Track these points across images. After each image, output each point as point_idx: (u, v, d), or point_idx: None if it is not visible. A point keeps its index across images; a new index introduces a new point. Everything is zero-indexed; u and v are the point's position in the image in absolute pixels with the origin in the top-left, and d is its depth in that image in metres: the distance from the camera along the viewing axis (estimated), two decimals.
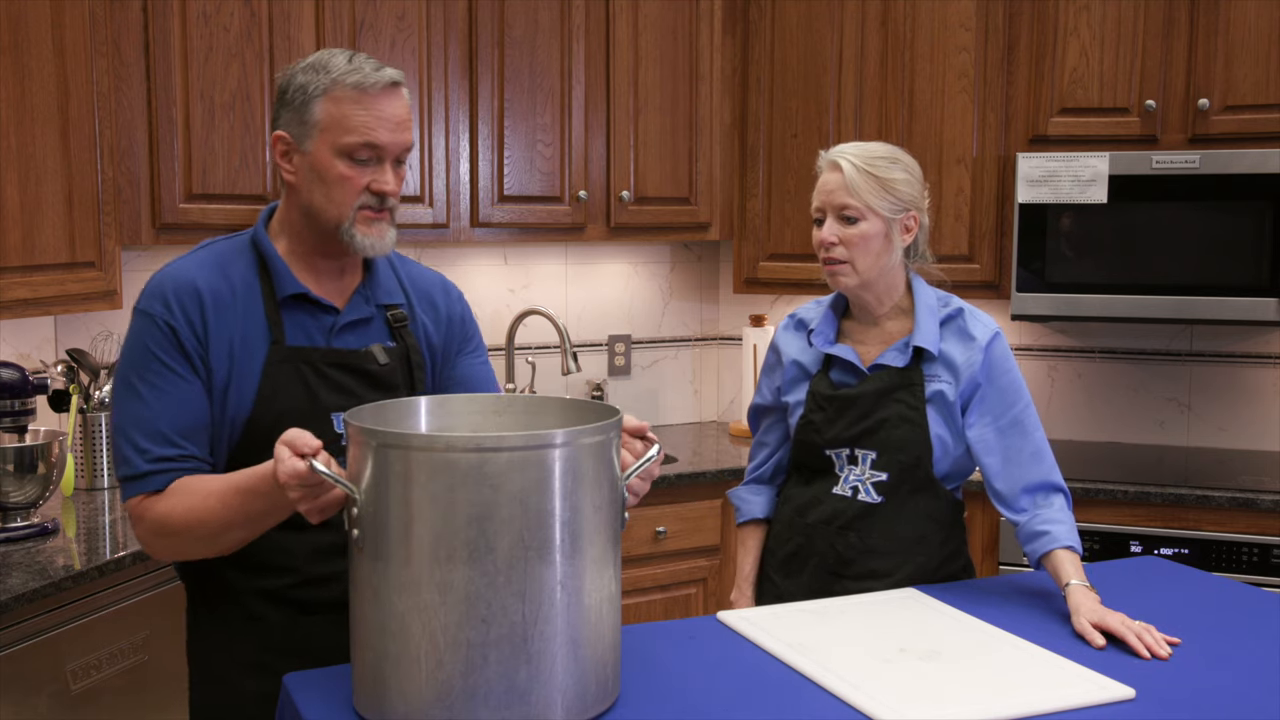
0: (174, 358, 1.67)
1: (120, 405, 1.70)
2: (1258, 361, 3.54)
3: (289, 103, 1.71)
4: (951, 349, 2.08)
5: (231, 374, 1.69)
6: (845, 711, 1.53)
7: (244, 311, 1.72)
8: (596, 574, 1.47)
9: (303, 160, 1.71)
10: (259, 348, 1.71)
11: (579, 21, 3.39)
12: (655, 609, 3.24)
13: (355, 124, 1.67)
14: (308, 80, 1.69)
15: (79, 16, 2.67)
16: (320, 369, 1.74)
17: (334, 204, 1.70)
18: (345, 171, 1.68)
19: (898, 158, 2.08)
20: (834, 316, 2.17)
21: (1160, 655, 1.72)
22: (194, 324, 1.68)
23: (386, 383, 1.79)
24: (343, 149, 1.68)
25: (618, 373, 3.94)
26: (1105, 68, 3.29)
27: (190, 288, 1.69)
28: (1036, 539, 1.98)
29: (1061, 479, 2.08)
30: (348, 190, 1.69)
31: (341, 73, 1.67)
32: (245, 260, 1.76)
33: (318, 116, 1.68)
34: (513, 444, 1.41)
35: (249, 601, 1.75)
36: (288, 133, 1.71)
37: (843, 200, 2.04)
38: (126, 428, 1.68)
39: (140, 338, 1.69)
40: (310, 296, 1.75)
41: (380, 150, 1.69)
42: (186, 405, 1.68)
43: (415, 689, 1.41)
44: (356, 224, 1.71)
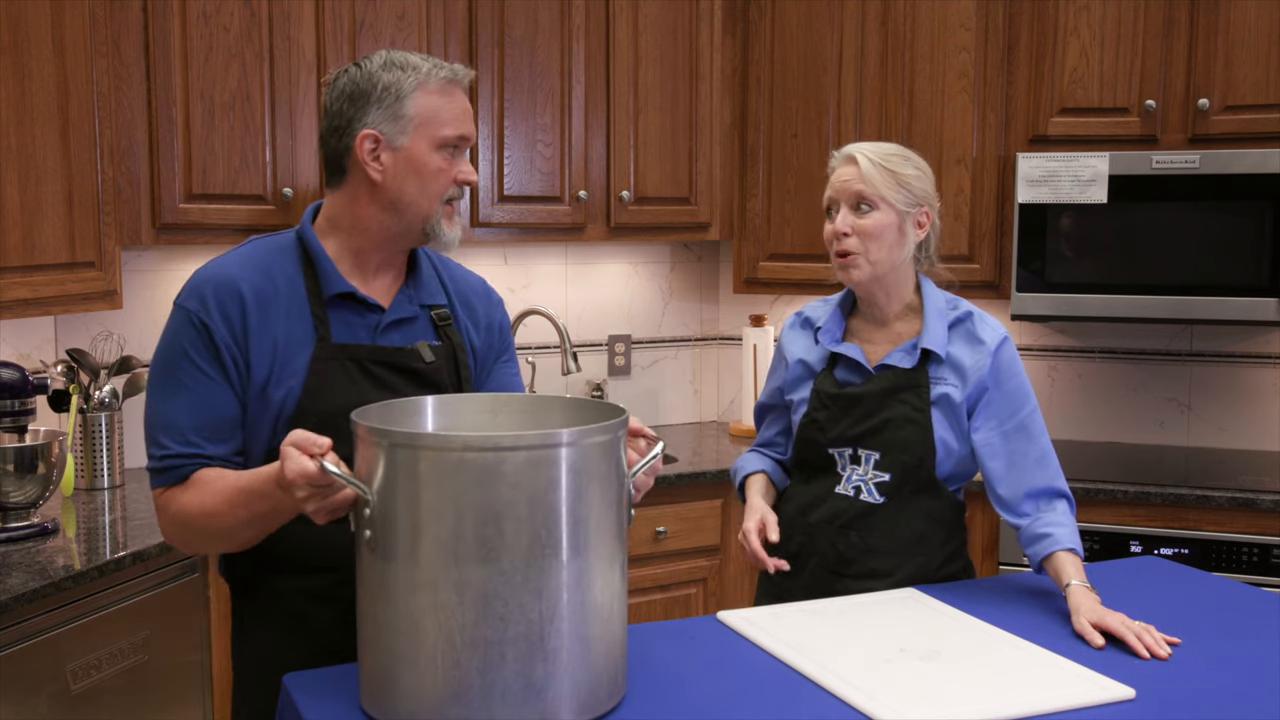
0: (203, 357, 1.70)
1: (149, 397, 1.74)
2: (1258, 361, 3.54)
3: (378, 100, 1.73)
4: (959, 352, 2.08)
5: (274, 370, 1.71)
6: (845, 711, 1.53)
7: (289, 308, 1.74)
8: (606, 571, 1.48)
9: (394, 156, 1.74)
10: (305, 344, 1.73)
11: (579, 21, 3.39)
12: (655, 609, 3.24)
13: (449, 117, 1.75)
14: (396, 78, 1.73)
15: (79, 16, 2.67)
16: (366, 366, 1.76)
17: (427, 196, 1.76)
18: (440, 163, 1.75)
19: (909, 156, 2.11)
20: (841, 315, 2.17)
21: (1160, 655, 1.72)
22: (232, 323, 1.70)
23: (432, 380, 1.81)
24: (440, 141, 1.74)
25: (618, 373, 3.94)
26: (1105, 68, 3.29)
27: (231, 286, 1.71)
28: (1038, 541, 1.99)
29: (1065, 484, 2.08)
30: (442, 181, 1.76)
31: (430, 68, 1.74)
32: (290, 257, 1.78)
33: (414, 111, 1.73)
34: (528, 443, 1.41)
35: (295, 601, 1.76)
36: (377, 130, 1.73)
37: (857, 190, 2.05)
38: (151, 420, 1.72)
39: (174, 334, 1.72)
40: (357, 295, 1.78)
41: (467, 140, 1.78)
42: (208, 404, 1.70)
43: (430, 688, 1.42)
44: (443, 217, 1.78)
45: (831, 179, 2.11)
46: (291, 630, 1.76)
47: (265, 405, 1.71)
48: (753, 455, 2.33)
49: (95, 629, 2.32)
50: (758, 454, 2.33)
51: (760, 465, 2.29)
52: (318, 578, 1.74)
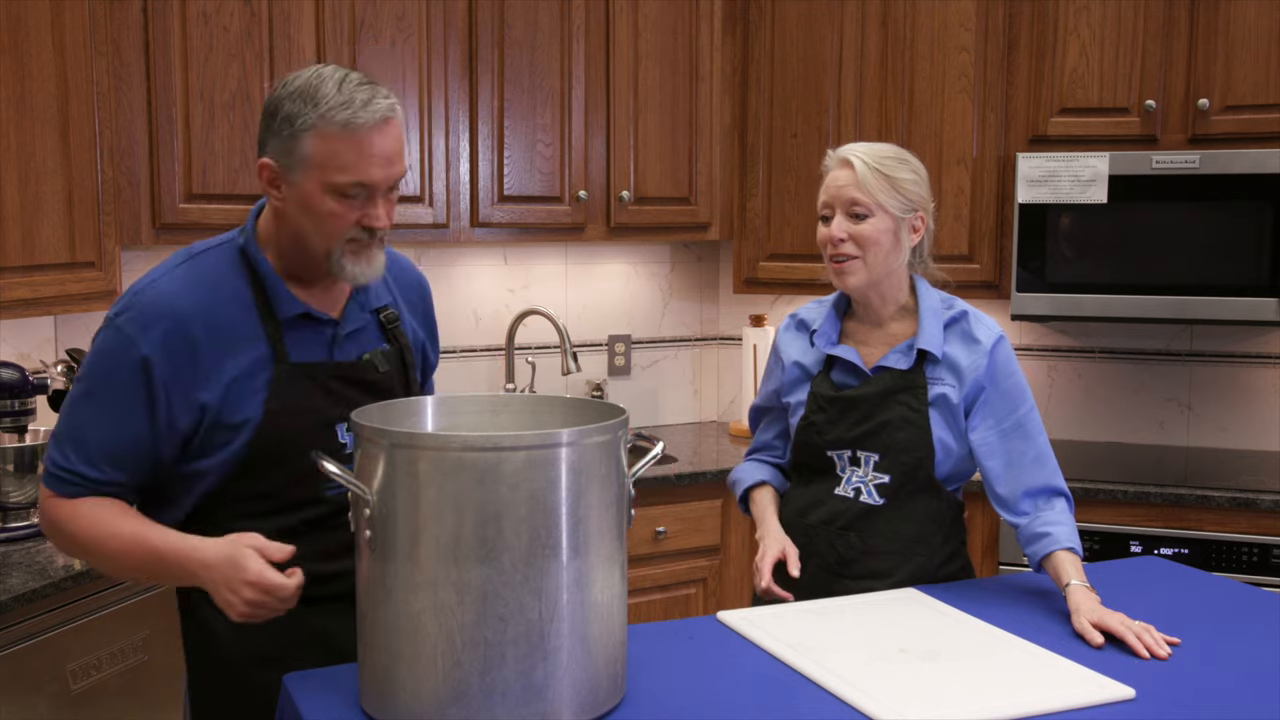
0: (132, 390, 1.64)
1: (67, 405, 1.69)
2: (1258, 361, 3.54)
3: (276, 131, 1.65)
4: (955, 352, 2.07)
5: (230, 396, 1.67)
6: (845, 711, 1.53)
7: (244, 333, 1.69)
8: (606, 571, 1.49)
9: (290, 190, 1.66)
10: (262, 367, 1.70)
11: (579, 21, 3.39)
12: (655, 609, 3.24)
13: (345, 163, 1.62)
14: (295, 111, 1.62)
15: (79, 16, 2.67)
16: (324, 383, 1.74)
17: (322, 236, 1.67)
18: (334, 208, 1.64)
19: (906, 158, 2.08)
20: (836, 317, 2.16)
21: (1160, 655, 1.72)
22: (176, 361, 1.65)
23: (385, 388, 1.80)
24: (332, 187, 1.63)
25: (618, 373, 3.94)
26: (1105, 68, 3.29)
27: (183, 327, 1.65)
28: (1037, 541, 1.98)
29: (1064, 483, 2.07)
30: (337, 224, 1.66)
31: (330, 107, 1.61)
32: (238, 276, 1.72)
33: (306, 152, 1.62)
34: (528, 443, 1.41)
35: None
36: (274, 161, 1.66)
37: (853, 196, 2.04)
38: (63, 427, 1.68)
39: (109, 355, 1.66)
40: (311, 313, 1.74)
41: (371, 188, 1.65)
42: (123, 434, 1.66)
43: (430, 688, 1.42)
44: (345, 255, 1.68)
45: (826, 181, 2.09)
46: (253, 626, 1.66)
47: (222, 429, 1.67)
48: (751, 465, 2.30)
49: (95, 629, 2.32)
50: (757, 463, 2.29)
51: (762, 475, 2.25)
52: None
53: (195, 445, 1.69)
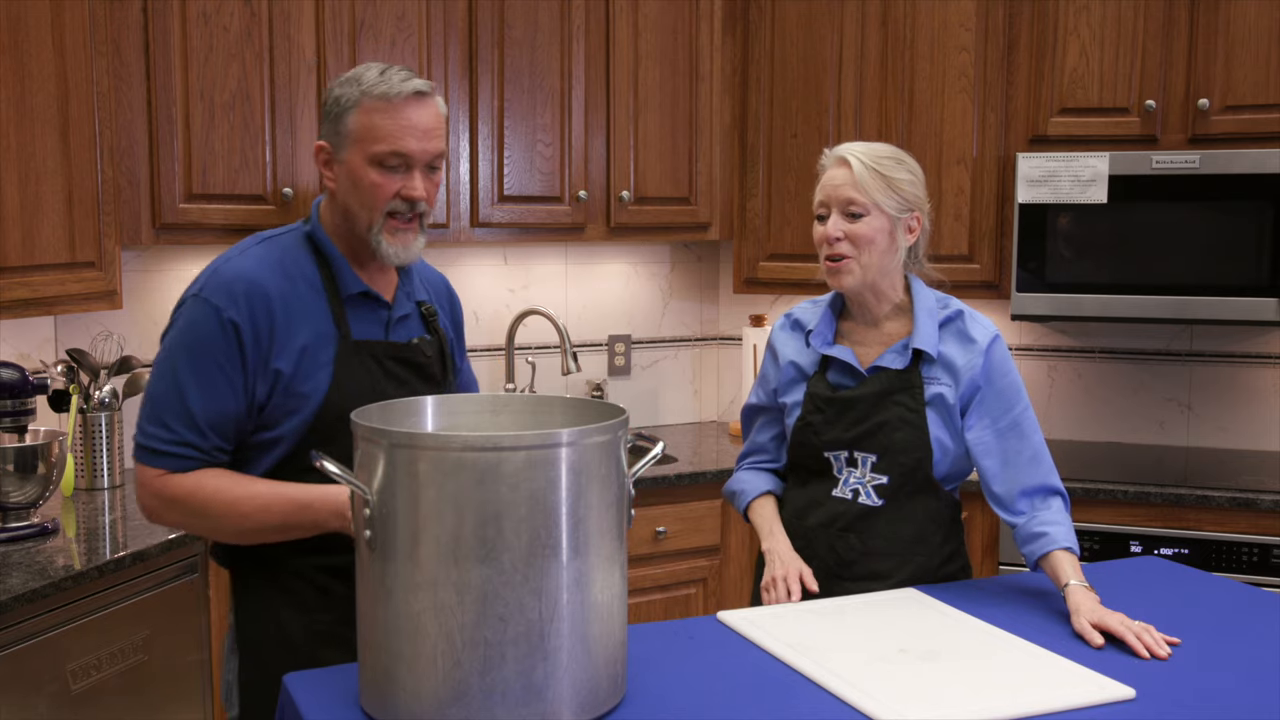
0: (228, 356, 1.76)
1: (160, 382, 1.79)
2: (1258, 361, 3.54)
3: (328, 114, 1.83)
4: (951, 351, 2.07)
5: (301, 366, 1.79)
6: (845, 711, 1.53)
7: (311, 308, 1.82)
8: (606, 571, 1.49)
9: (340, 169, 1.82)
10: (328, 341, 1.82)
11: (579, 21, 3.39)
12: (655, 609, 3.24)
13: (383, 133, 1.78)
14: (342, 93, 1.81)
15: (79, 16, 2.67)
16: (382, 361, 1.87)
17: (366, 209, 1.81)
18: (376, 179, 1.79)
19: (902, 159, 2.08)
20: (832, 317, 2.16)
21: (1160, 655, 1.72)
22: (259, 328, 1.77)
23: (430, 374, 1.94)
24: (373, 157, 1.78)
25: (618, 373, 3.94)
26: (1105, 68, 3.29)
27: (262, 291, 1.78)
28: (1034, 540, 1.98)
29: (1059, 482, 2.07)
30: (378, 196, 1.80)
31: (370, 84, 1.78)
32: (305, 256, 1.86)
33: (350, 127, 1.79)
34: (528, 443, 1.41)
35: (318, 577, 1.84)
36: (327, 142, 1.84)
37: (849, 195, 2.04)
38: (159, 405, 1.78)
39: (197, 326, 1.77)
40: (370, 293, 1.88)
41: (408, 158, 1.80)
42: (223, 401, 1.77)
43: (430, 688, 1.42)
44: (384, 232, 1.82)
45: (823, 180, 2.09)
46: (317, 605, 1.84)
47: (296, 396, 1.79)
48: (750, 474, 2.27)
49: (95, 629, 2.32)
50: (755, 471, 2.28)
51: (765, 486, 2.23)
52: (338, 556, 1.79)
53: (267, 413, 1.80)
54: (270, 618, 1.86)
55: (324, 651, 1.81)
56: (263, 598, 1.87)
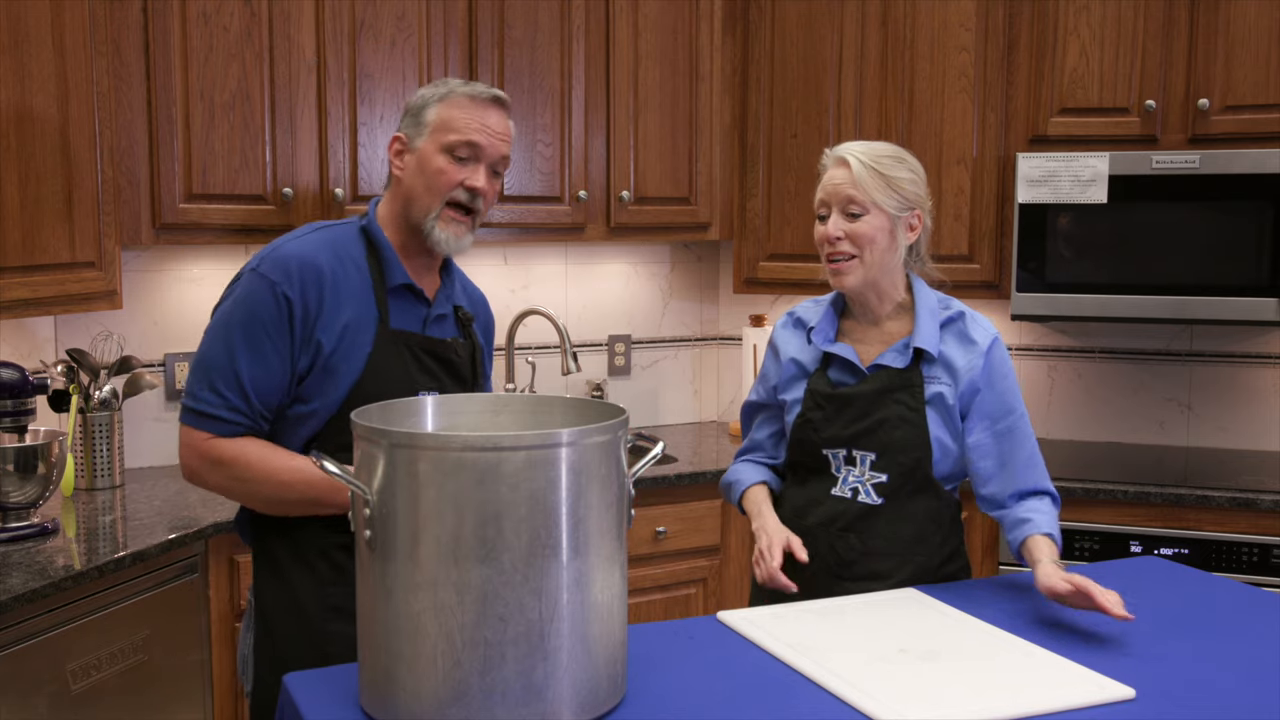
0: (279, 329, 1.86)
1: (213, 349, 1.89)
2: (1258, 361, 3.54)
3: (409, 109, 1.98)
4: (951, 352, 2.08)
5: (341, 344, 1.89)
6: (845, 711, 1.53)
7: (358, 292, 1.92)
8: (606, 571, 1.48)
9: (412, 157, 1.96)
10: (368, 326, 1.92)
11: (579, 21, 3.39)
12: (655, 609, 3.24)
13: (459, 125, 1.93)
14: (429, 92, 1.97)
15: (79, 16, 2.67)
16: (416, 352, 1.96)
17: (429, 193, 1.94)
18: (444, 165, 1.93)
19: (903, 157, 2.09)
20: (834, 315, 2.17)
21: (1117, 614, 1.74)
22: (309, 301, 1.87)
23: (461, 373, 2.03)
24: (446, 145, 1.93)
25: (618, 373, 3.94)
26: (1105, 68, 3.29)
27: (314, 267, 1.89)
28: (1018, 527, 2.02)
29: (1051, 485, 2.10)
30: (443, 181, 1.93)
31: (458, 85, 1.96)
32: (357, 246, 1.97)
33: (431, 119, 1.94)
34: (528, 443, 1.41)
35: (333, 553, 1.93)
36: (404, 134, 1.98)
37: (849, 194, 2.04)
38: (211, 371, 1.88)
39: (253, 300, 1.88)
40: (414, 287, 1.98)
41: (478, 150, 1.94)
42: (271, 373, 1.87)
43: (430, 689, 1.42)
44: (439, 220, 1.94)
45: (823, 180, 2.10)
46: (331, 579, 1.92)
47: (333, 373, 1.88)
48: (745, 465, 2.28)
49: (95, 629, 2.32)
50: (751, 464, 2.28)
51: (759, 476, 2.23)
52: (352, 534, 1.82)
53: (306, 385, 1.89)
54: (287, 590, 1.94)
55: (334, 624, 1.91)
56: (283, 570, 1.95)
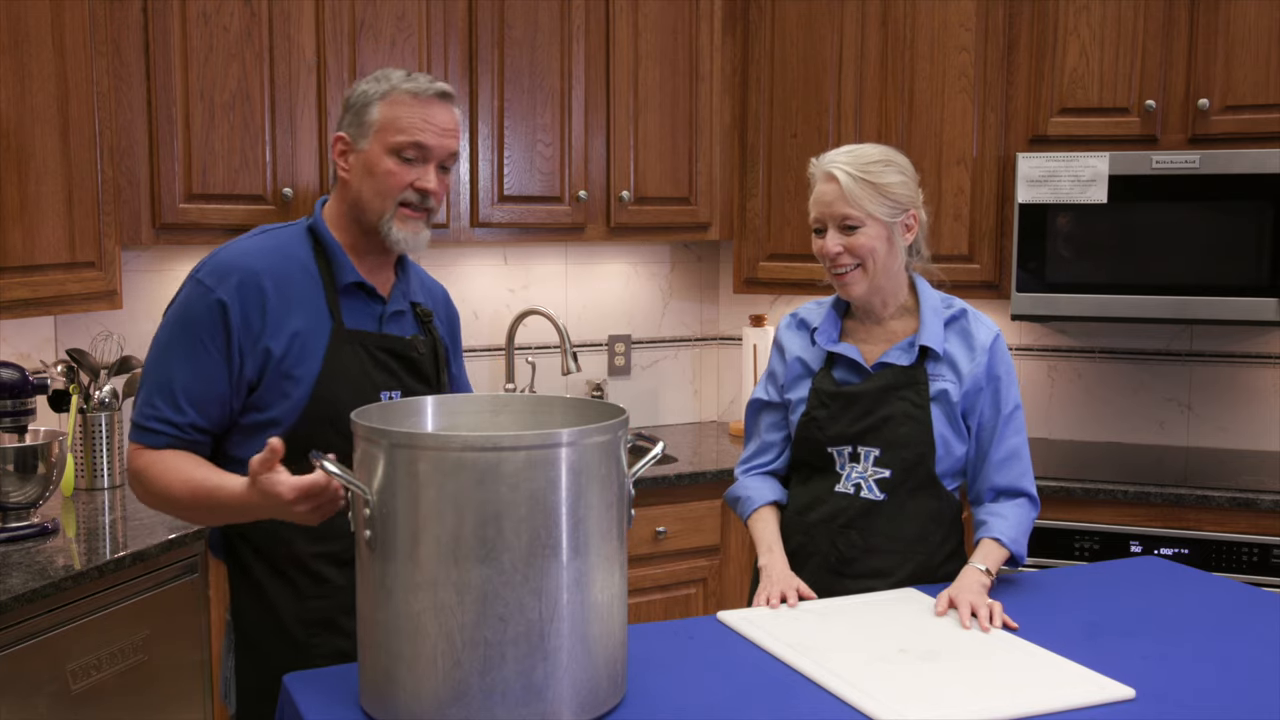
0: (211, 335, 1.81)
1: (150, 359, 1.86)
2: (1258, 361, 3.54)
3: (351, 106, 1.90)
4: (955, 349, 2.10)
5: (293, 349, 1.83)
6: (845, 711, 1.53)
7: (306, 296, 1.87)
8: (606, 571, 1.49)
9: (357, 158, 1.88)
10: (321, 329, 1.86)
11: (579, 21, 3.39)
12: (655, 609, 3.24)
13: (406, 125, 1.85)
14: (370, 88, 1.89)
15: (79, 16, 2.67)
16: (372, 351, 1.90)
17: (379, 197, 1.87)
18: (392, 167, 1.86)
19: (891, 159, 2.08)
20: (836, 316, 2.18)
21: (993, 626, 1.83)
22: (249, 308, 1.82)
23: (423, 371, 1.97)
24: (393, 147, 1.85)
25: (618, 373, 3.94)
26: (1105, 68, 3.29)
27: (253, 272, 1.83)
28: (978, 528, 2.08)
29: (1032, 485, 2.13)
30: (393, 184, 1.86)
31: (399, 81, 1.87)
32: (304, 247, 1.91)
33: (375, 118, 1.86)
34: (528, 443, 1.41)
35: (316, 564, 1.86)
36: (347, 133, 1.90)
37: (843, 211, 2.05)
38: (148, 381, 1.85)
39: (188, 306, 1.84)
40: (365, 285, 1.92)
41: (426, 151, 1.87)
42: (207, 379, 1.82)
43: (430, 689, 1.42)
44: (395, 219, 1.88)
45: (814, 196, 2.10)
46: (312, 591, 1.87)
47: (287, 378, 1.83)
48: (756, 480, 2.24)
49: (95, 629, 2.32)
50: (761, 478, 2.24)
51: (770, 496, 2.20)
52: (334, 543, 1.83)
53: (259, 394, 1.84)
54: (266, 607, 1.88)
55: (319, 638, 1.85)
56: (259, 587, 1.89)
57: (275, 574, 1.88)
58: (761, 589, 2.03)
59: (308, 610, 1.86)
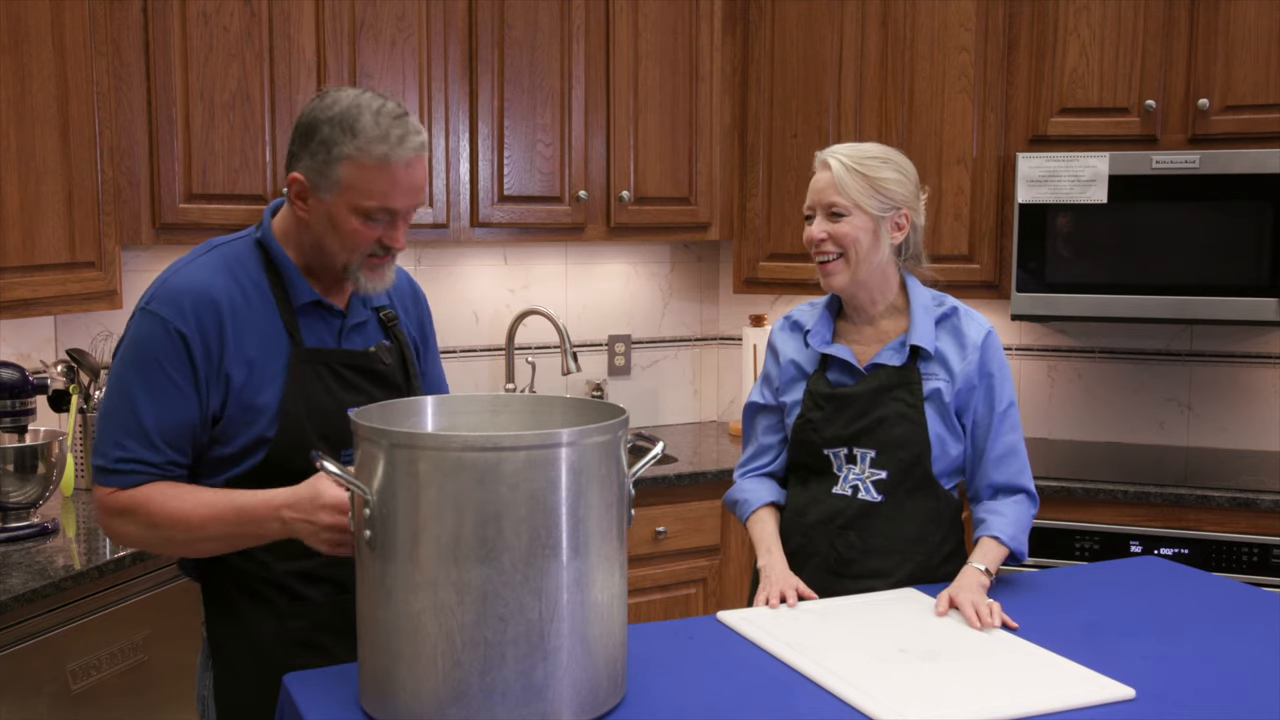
0: (178, 368, 1.72)
1: (112, 399, 1.74)
2: (1258, 361, 3.54)
3: (312, 152, 1.73)
4: (947, 347, 2.11)
5: (252, 375, 1.75)
6: (845, 711, 1.53)
7: (261, 316, 1.78)
8: (606, 571, 1.49)
9: (319, 205, 1.75)
10: (279, 351, 1.78)
11: (579, 21, 3.39)
12: (655, 609, 3.24)
13: (375, 191, 1.72)
14: (333, 138, 1.70)
15: (79, 16, 2.67)
16: (335, 369, 1.82)
17: (344, 251, 1.77)
18: (358, 227, 1.74)
19: (889, 158, 2.10)
20: (829, 317, 2.18)
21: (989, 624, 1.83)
22: (208, 336, 1.73)
23: (391, 381, 1.89)
24: (360, 210, 1.73)
25: (618, 373, 3.94)
26: (1105, 68, 3.29)
27: (208, 299, 1.73)
28: (977, 526, 2.08)
29: (1030, 481, 2.12)
30: (359, 242, 1.75)
31: (369, 140, 1.69)
32: (255, 265, 1.81)
33: (339, 176, 1.71)
34: (528, 443, 1.41)
35: (289, 582, 1.80)
36: (306, 179, 1.74)
37: (830, 198, 2.07)
38: (111, 422, 1.74)
39: (146, 341, 1.73)
40: (323, 303, 1.83)
41: (396, 214, 1.75)
42: (176, 413, 1.73)
43: (430, 688, 1.42)
44: (362, 269, 1.78)
45: (810, 183, 2.13)
46: (290, 611, 1.80)
47: (249, 408, 1.75)
48: (753, 482, 2.25)
49: (95, 629, 2.32)
50: (759, 480, 2.25)
51: (769, 497, 2.20)
52: (309, 561, 1.77)
53: (223, 427, 1.75)
54: (242, 628, 1.81)
55: (300, 659, 1.77)
56: (234, 607, 1.82)
57: (247, 593, 1.81)
58: (761, 590, 2.03)
59: (288, 631, 1.79)
